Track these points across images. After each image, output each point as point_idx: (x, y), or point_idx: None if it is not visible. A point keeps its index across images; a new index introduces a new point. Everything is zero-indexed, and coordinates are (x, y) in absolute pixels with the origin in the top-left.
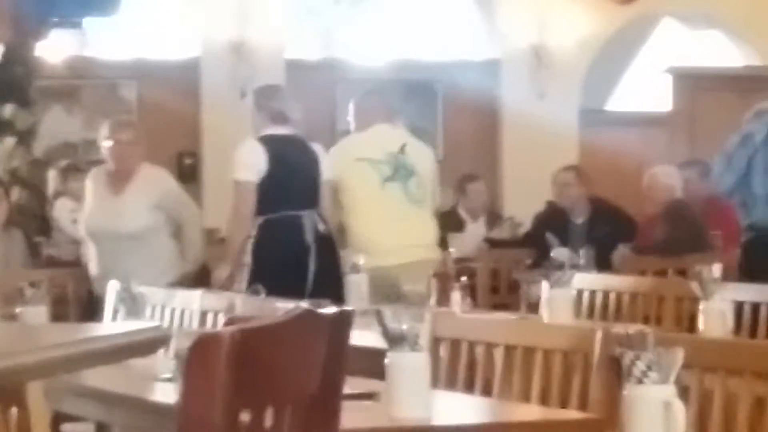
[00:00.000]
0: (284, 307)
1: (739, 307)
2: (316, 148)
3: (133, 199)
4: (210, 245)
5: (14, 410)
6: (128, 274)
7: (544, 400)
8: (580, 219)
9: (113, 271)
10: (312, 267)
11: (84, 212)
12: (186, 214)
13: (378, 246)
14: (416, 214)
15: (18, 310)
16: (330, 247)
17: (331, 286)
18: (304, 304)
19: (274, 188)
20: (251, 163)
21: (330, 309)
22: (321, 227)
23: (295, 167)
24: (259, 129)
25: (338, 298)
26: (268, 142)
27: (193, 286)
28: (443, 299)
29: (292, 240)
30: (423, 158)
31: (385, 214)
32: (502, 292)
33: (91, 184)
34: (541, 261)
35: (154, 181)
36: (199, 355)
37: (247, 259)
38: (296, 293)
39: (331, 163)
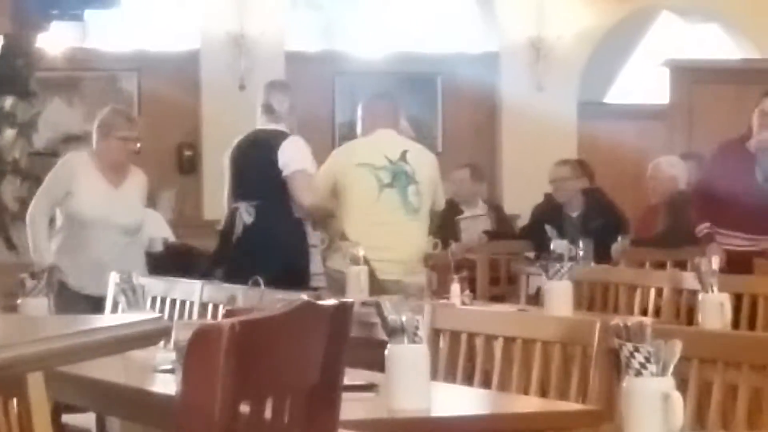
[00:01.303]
0: (284, 298)
1: (737, 299)
2: (289, 142)
3: (130, 194)
4: (211, 236)
5: (15, 401)
6: (116, 265)
7: (543, 392)
8: (575, 212)
9: (101, 261)
10: (237, 256)
11: (79, 198)
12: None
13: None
14: (410, 224)
15: (19, 301)
16: (262, 238)
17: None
18: (304, 296)
19: (230, 182)
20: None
21: (330, 301)
22: (247, 219)
23: (240, 162)
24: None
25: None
26: (238, 140)
27: None
28: (442, 291)
29: (226, 230)
30: (424, 165)
31: (379, 222)
32: (502, 284)
33: (77, 171)
34: (541, 253)
35: (143, 182)
36: (199, 347)
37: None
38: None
39: (332, 164)
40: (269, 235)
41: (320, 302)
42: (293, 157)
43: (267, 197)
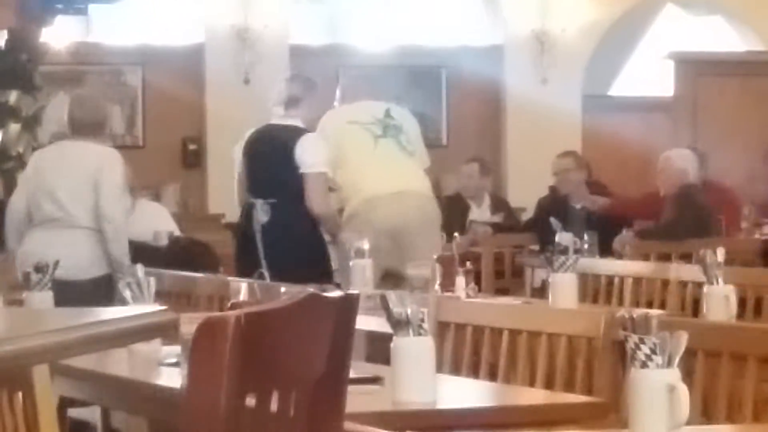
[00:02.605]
0: (289, 292)
1: (743, 291)
2: (308, 139)
3: None
4: (216, 230)
5: (20, 394)
6: None
7: (548, 384)
8: (579, 204)
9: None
10: (261, 251)
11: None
12: None
13: (376, 192)
14: (412, 163)
15: (24, 295)
16: (280, 235)
17: (283, 270)
18: (310, 288)
19: (245, 178)
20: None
21: (335, 293)
22: (262, 218)
23: (256, 158)
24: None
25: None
26: (250, 134)
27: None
28: (447, 284)
29: (243, 226)
30: (408, 120)
31: (381, 167)
32: (507, 277)
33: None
34: (546, 246)
35: None
36: (205, 339)
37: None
38: (249, 274)
39: (323, 128)
40: (286, 233)
41: (326, 294)
42: (313, 156)
43: (283, 195)
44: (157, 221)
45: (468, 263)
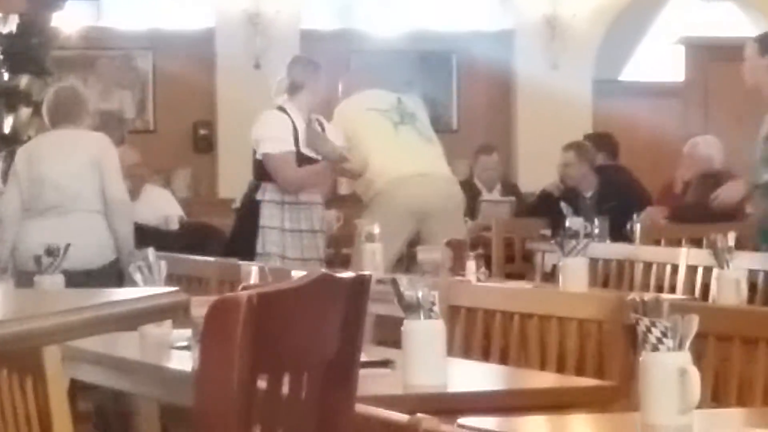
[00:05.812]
0: (299, 275)
1: (753, 275)
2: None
3: None
4: (226, 214)
5: (31, 375)
6: None
7: (559, 368)
8: (589, 192)
9: None
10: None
11: None
12: None
13: (402, 173)
14: (432, 149)
15: (35, 278)
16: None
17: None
18: (322, 269)
19: None
20: None
21: (347, 274)
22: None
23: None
24: None
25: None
26: None
27: None
28: (458, 268)
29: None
30: (419, 107)
31: (405, 151)
32: (517, 262)
33: None
34: (556, 230)
35: None
36: (217, 319)
37: None
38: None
39: (340, 116)
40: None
41: (337, 275)
42: (258, 136)
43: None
44: (165, 206)
45: (478, 248)
